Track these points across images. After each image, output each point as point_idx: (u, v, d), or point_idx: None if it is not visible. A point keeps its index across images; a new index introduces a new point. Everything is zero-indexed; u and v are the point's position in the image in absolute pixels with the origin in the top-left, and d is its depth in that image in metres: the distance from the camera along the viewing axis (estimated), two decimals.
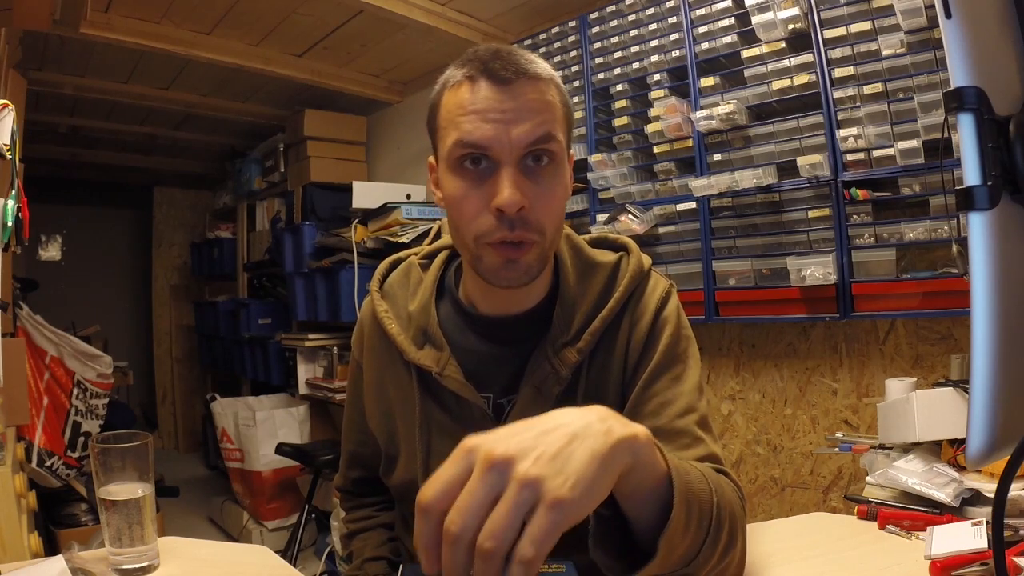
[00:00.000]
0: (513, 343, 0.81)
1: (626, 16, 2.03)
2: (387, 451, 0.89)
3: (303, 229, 3.02)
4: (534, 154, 0.71)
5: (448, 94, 0.73)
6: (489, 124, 0.69)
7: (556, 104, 0.74)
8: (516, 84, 0.70)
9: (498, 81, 0.70)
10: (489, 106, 0.70)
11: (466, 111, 0.71)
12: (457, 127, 0.71)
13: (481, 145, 0.70)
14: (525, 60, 0.72)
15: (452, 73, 0.74)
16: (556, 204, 0.74)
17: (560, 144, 0.73)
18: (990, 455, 0.44)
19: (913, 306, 1.53)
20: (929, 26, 1.46)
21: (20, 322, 2.41)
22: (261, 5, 2.31)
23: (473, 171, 0.71)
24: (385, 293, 0.90)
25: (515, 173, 0.70)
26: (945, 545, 0.82)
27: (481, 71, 0.71)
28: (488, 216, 0.71)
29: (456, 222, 0.75)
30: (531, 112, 0.70)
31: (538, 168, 0.72)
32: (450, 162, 0.72)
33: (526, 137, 0.70)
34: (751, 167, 1.74)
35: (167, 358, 5.01)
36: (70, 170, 4.41)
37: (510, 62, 0.71)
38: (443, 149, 0.73)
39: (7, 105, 1.20)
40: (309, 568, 2.74)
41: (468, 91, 0.71)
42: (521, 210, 0.70)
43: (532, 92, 0.71)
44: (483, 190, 0.71)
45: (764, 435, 1.92)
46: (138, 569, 0.80)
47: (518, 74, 0.70)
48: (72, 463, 2.55)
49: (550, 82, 0.74)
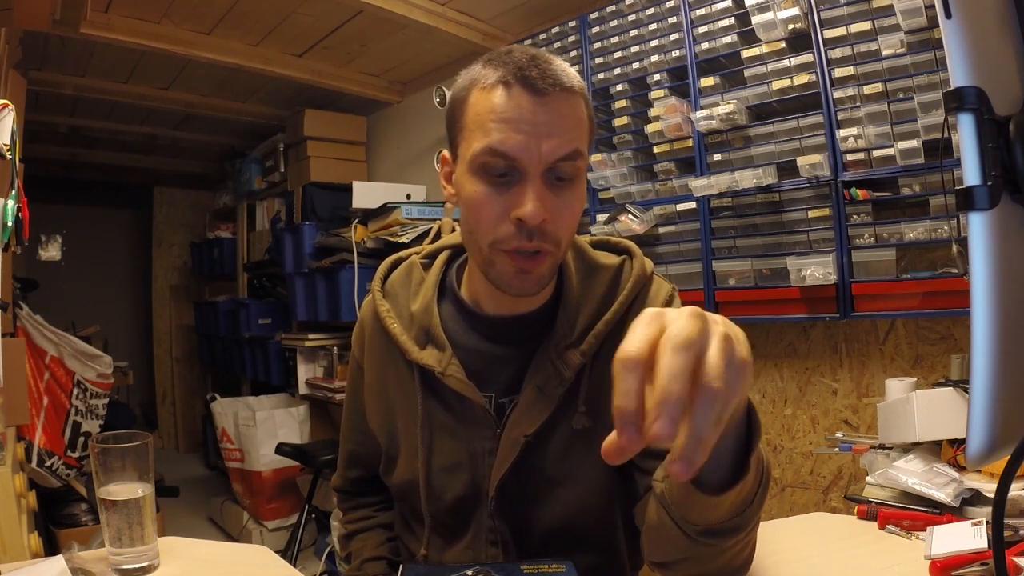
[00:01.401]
0: (516, 343, 0.81)
1: (626, 16, 2.03)
2: (387, 450, 0.89)
3: (303, 229, 3.02)
4: (559, 168, 0.71)
5: (479, 94, 0.72)
6: (521, 135, 0.68)
7: (585, 119, 0.74)
8: (551, 96, 0.69)
9: (534, 91, 0.69)
10: (522, 116, 0.69)
11: (498, 118, 0.69)
12: (487, 133, 0.70)
13: (510, 156, 0.69)
14: (561, 71, 0.71)
15: (484, 72, 0.72)
16: (574, 218, 0.75)
17: (585, 160, 0.74)
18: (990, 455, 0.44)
19: (913, 306, 1.52)
20: (929, 26, 1.46)
21: (20, 322, 2.41)
22: (261, 5, 2.31)
23: (496, 178, 0.71)
24: (387, 293, 0.90)
25: (540, 186, 0.69)
26: (945, 545, 0.82)
27: (517, 78, 0.69)
28: (507, 224, 0.70)
29: (472, 225, 0.74)
30: (563, 128, 0.70)
31: (561, 183, 0.72)
32: (474, 165, 0.71)
33: (556, 152, 0.69)
34: (751, 167, 1.74)
35: (167, 358, 5.01)
36: (70, 170, 4.41)
37: (547, 72, 0.70)
38: (467, 150, 0.72)
39: (7, 105, 1.21)
40: (309, 568, 2.74)
41: (502, 97, 0.70)
42: (543, 223, 0.70)
43: (565, 107, 0.71)
44: (505, 198, 0.70)
45: (764, 435, 1.92)
46: (138, 569, 0.80)
47: (554, 86, 0.69)
48: (72, 463, 2.55)
49: (581, 95, 0.73)
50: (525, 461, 0.78)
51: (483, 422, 0.80)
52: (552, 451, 0.79)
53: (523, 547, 0.81)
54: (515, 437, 0.78)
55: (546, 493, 0.80)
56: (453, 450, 0.82)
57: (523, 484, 0.79)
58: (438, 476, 0.82)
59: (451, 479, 0.82)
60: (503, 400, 0.81)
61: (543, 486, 0.79)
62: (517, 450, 0.77)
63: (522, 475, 0.79)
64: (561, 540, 0.81)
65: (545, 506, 0.80)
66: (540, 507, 0.80)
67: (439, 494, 0.82)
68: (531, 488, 0.80)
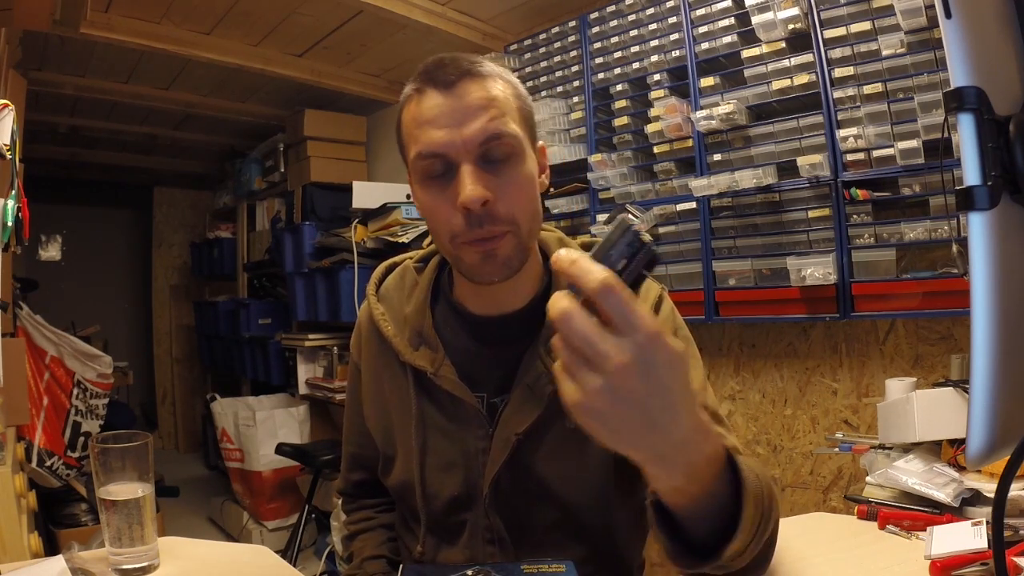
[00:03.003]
0: (505, 343, 0.82)
1: (626, 16, 2.03)
2: (384, 451, 0.89)
3: (303, 229, 3.02)
4: (490, 151, 0.73)
5: (405, 111, 0.78)
6: (442, 130, 0.72)
7: (505, 97, 0.75)
8: (460, 85, 0.73)
9: (442, 86, 0.73)
10: (438, 112, 0.72)
11: (419, 123, 0.74)
12: (416, 140, 0.74)
13: (437, 152, 0.72)
14: (468, 62, 0.74)
15: (406, 90, 0.77)
16: (523, 193, 0.75)
17: (515, 136, 0.74)
18: (990, 455, 0.44)
19: (913, 306, 1.52)
20: (929, 26, 1.46)
21: (20, 322, 2.41)
22: (261, 5, 2.31)
23: (438, 178, 0.74)
24: (382, 296, 0.91)
25: (474, 170, 0.72)
26: (945, 545, 0.82)
27: (426, 81, 0.74)
28: (458, 216, 0.72)
29: (432, 228, 0.78)
30: (479, 109, 0.72)
31: (497, 163, 0.73)
32: (417, 175, 0.75)
33: (478, 135, 0.71)
34: (751, 167, 1.74)
35: (167, 358, 5.01)
36: (70, 170, 4.41)
37: (452, 65, 0.73)
38: (409, 164, 0.76)
39: (7, 105, 1.21)
40: (309, 568, 2.74)
41: (418, 103, 0.75)
42: (486, 204, 0.71)
43: (477, 90, 0.73)
44: (448, 193, 0.73)
45: (764, 435, 1.92)
46: (138, 569, 0.80)
47: (460, 75, 0.73)
48: (72, 463, 2.55)
49: (496, 78, 0.75)
50: (518, 460, 0.78)
51: (476, 422, 0.81)
52: (545, 450, 0.80)
53: (520, 545, 0.81)
54: (507, 436, 0.78)
55: (540, 491, 0.80)
56: (447, 450, 0.83)
57: (517, 482, 0.80)
58: (433, 476, 0.83)
59: (446, 478, 0.82)
60: (495, 400, 0.81)
61: (537, 484, 0.80)
62: (509, 449, 0.78)
63: (516, 474, 0.79)
64: (557, 537, 0.82)
65: (540, 504, 0.80)
66: (535, 505, 0.80)
67: (434, 493, 0.83)
68: (525, 486, 0.80)
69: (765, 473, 0.65)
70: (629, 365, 0.42)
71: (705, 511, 0.53)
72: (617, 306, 0.42)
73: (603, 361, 0.42)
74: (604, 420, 0.44)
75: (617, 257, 0.46)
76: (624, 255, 0.46)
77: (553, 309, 0.43)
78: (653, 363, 0.43)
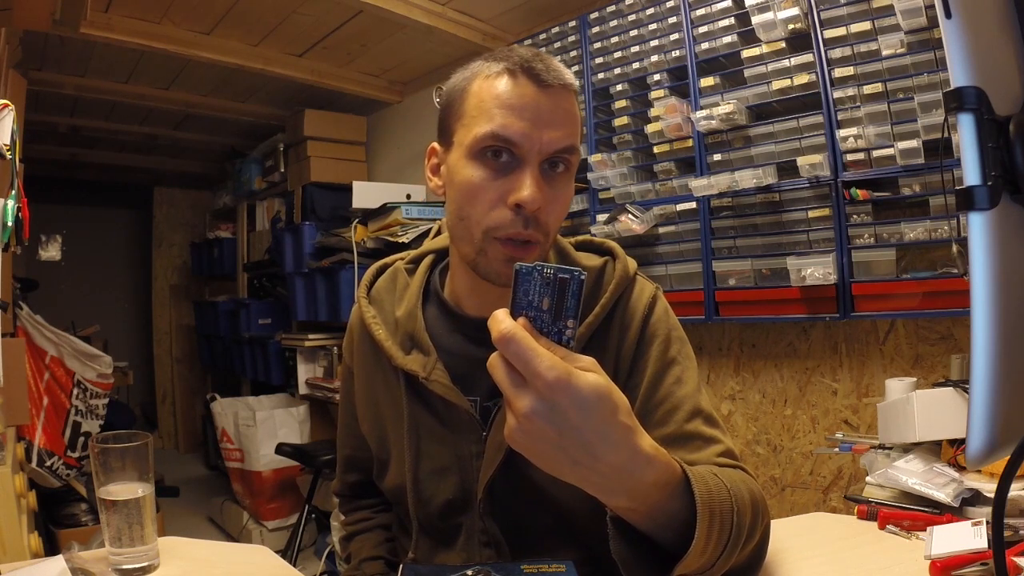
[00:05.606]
0: None
1: (626, 16, 2.03)
2: (378, 455, 0.89)
3: (303, 229, 3.02)
4: (555, 160, 0.72)
5: (482, 82, 0.73)
6: (525, 122, 0.70)
7: (579, 120, 0.76)
8: (555, 89, 0.72)
9: (538, 82, 0.71)
10: (526, 104, 0.70)
11: (503, 104, 0.71)
12: (491, 118, 0.71)
13: (513, 141, 0.70)
14: (563, 69, 0.74)
15: (487, 64, 0.74)
16: (564, 211, 0.76)
17: (578, 157, 0.76)
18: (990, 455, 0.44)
19: (913, 306, 1.52)
20: (929, 26, 1.46)
21: (20, 322, 2.41)
22: (261, 5, 2.31)
23: (495, 163, 0.72)
24: (372, 299, 0.90)
25: (538, 174, 0.71)
26: (945, 545, 0.82)
27: (523, 68, 0.71)
28: (504, 210, 0.71)
29: (467, 211, 0.74)
30: (564, 121, 0.72)
31: (555, 174, 0.73)
32: (473, 150, 0.72)
33: (556, 143, 0.71)
34: (751, 167, 1.74)
35: (167, 358, 5.01)
36: (70, 170, 4.41)
37: (551, 67, 0.72)
38: (466, 136, 0.73)
39: (7, 105, 1.20)
40: (309, 568, 2.74)
41: (507, 84, 0.71)
42: (538, 211, 0.71)
43: (566, 102, 0.73)
44: (502, 183, 0.71)
45: (764, 435, 1.92)
46: (138, 569, 0.80)
47: (558, 81, 0.72)
48: (72, 463, 2.55)
49: (576, 96, 0.76)
50: (512, 464, 0.78)
51: (469, 426, 0.80)
52: None
53: (516, 548, 0.81)
54: (500, 440, 0.77)
55: (535, 495, 0.79)
56: (440, 454, 0.82)
57: (511, 486, 0.79)
58: (426, 480, 0.82)
59: (439, 483, 0.82)
60: (488, 404, 0.81)
61: (531, 488, 0.79)
62: (503, 453, 0.77)
63: (510, 477, 0.78)
64: (553, 541, 0.81)
65: (535, 507, 0.80)
66: (530, 508, 0.80)
67: (428, 498, 0.82)
68: (520, 490, 0.79)
69: (744, 484, 0.65)
70: (530, 413, 0.46)
71: (663, 525, 0.55)
72: (515, 356, 0.46)
73: (511, 406, 0.47)
74: (527, 452, 0.48)
75: (537, 298, 0.48)
76: (544, 294, 0.47)
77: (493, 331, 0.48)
78: (557, 408, 0.46)
